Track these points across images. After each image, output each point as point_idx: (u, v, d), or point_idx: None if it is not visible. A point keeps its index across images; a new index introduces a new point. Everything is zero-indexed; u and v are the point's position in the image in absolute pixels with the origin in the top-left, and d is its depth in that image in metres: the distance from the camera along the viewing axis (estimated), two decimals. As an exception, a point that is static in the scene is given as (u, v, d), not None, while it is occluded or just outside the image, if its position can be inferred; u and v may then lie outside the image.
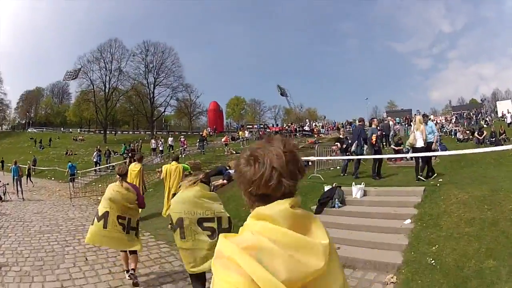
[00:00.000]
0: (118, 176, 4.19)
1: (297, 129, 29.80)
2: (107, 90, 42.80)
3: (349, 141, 10.62)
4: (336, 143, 11.16)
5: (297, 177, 0.85)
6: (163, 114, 48.48)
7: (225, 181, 9.32)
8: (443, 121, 30.80)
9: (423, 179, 7.16)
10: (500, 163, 9.35)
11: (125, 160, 19.71)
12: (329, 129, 33.41)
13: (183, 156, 20.54)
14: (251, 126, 38.65)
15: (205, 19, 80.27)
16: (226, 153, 20.09)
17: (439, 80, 71.99)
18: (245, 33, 76.88)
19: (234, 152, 19.58)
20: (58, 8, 62.78)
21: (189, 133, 38.64)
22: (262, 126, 39.19)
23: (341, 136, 11.60)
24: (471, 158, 9.48)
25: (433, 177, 7.35)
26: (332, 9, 76.61)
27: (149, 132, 43.51)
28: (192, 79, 51.61)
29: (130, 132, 49.08)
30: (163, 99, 46.14)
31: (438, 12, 75.18)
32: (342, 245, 4.84)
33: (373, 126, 9.35)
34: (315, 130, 30.69)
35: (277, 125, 40.71)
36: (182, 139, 24.14)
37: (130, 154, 20.49)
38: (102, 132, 43.18)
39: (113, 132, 50.89)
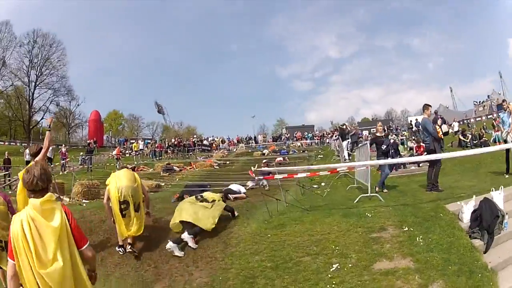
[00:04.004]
0: None
1: (195, 143, 30.02)
2: (-15, 86, 34.58)
3: (390, 141, 8.96)
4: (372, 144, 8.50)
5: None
6: (41, 121, 41.61)
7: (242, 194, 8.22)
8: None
9: None
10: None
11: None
12: (229, 144, 33.10)
13: (64, 172, 17.71)
14: (134, 141, 35.82)
15: (96, 19, 70.04)
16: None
17: (316, 102, 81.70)
18: (127, 43, 70.12)
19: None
20: None
21: (67, 146, 34.18)
22: (149, 140, 37.20)
23: (378, 134, 8.63)
24: (470, 160, 9.93)
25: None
26: (219, 30, 77.59)
27: (25, 144, 36.82)
28: (73, 84, 45.09)
29: (6, 143, 40.68)
30: (42, 103, 39.67)
31: (328, 39, 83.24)
32: None
33: (425, 116, 6.98)
34: (213, 145, 31.46)
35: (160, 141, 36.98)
36: (63, 150, 21.39)
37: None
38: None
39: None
